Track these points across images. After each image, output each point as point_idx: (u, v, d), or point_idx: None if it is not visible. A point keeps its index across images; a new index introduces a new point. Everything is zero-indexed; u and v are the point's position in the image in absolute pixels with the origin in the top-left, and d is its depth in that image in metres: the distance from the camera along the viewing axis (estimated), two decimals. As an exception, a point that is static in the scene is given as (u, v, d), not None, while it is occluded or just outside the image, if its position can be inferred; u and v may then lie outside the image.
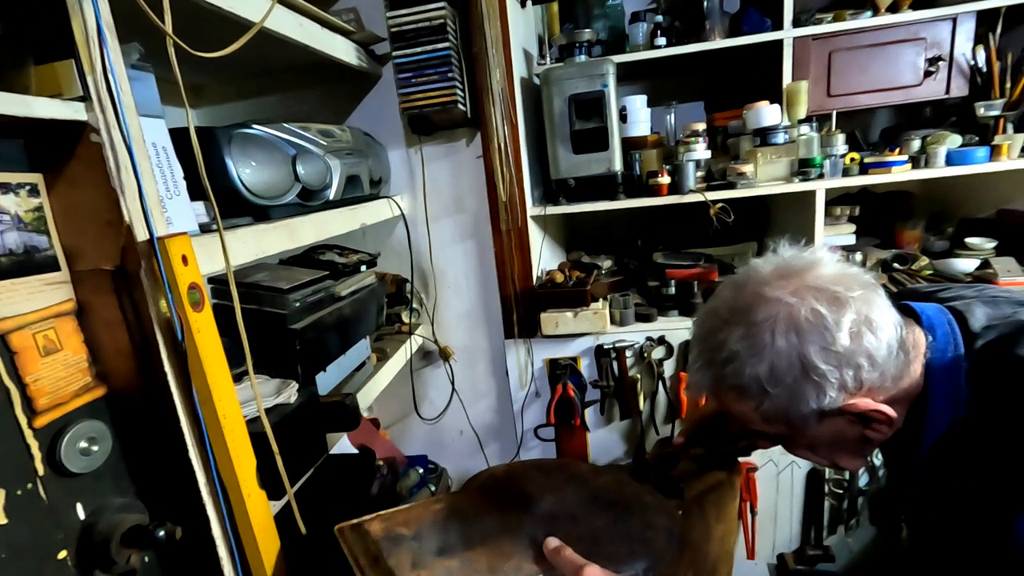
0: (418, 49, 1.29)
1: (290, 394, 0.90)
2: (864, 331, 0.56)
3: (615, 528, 0.74)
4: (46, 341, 0.63)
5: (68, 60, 0.58)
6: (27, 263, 0.62)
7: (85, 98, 0.60)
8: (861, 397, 0.57)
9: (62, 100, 0.59)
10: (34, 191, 0.63)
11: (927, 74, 1.47)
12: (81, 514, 0.65)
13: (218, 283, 0.94)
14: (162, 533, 0.67)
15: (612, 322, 1.52)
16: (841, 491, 1.53)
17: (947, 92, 1.48)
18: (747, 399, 0.61)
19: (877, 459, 1.50)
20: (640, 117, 1.58)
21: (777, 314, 0.57)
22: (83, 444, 0.64)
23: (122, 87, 0.63)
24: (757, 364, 0.58)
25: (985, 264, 1.45)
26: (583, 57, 1.50)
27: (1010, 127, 1.43)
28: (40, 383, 0.61)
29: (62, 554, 0.63)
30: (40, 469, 0.61)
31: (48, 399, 0.62)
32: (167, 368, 0.68)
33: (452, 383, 1.70)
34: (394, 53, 1.31)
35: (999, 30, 1.45)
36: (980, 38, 1.44)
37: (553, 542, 0.66)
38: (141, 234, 0.65)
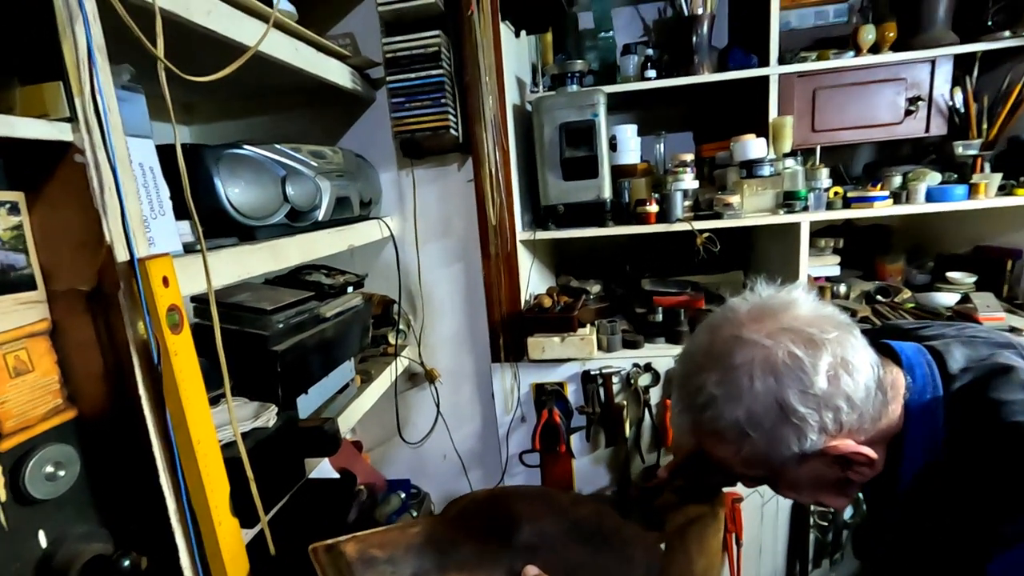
0: (412, 75, 1.31)
1: (268, 418, 0.89)
2: (841, 373, 0.56)
3: (593, 562, 0.73)
4: (17, 362, 0.61)
5: (56, 82, 0.58)
6: (2, 282, 0.61)
7: (72, 119, 0.60)
8: (841, 439, 0.57)
9: (48, 120, 0.58)
10: (14, 209, 0.62)
11: (907, 113, 1.52)
12: (43, 542, 0.63)
13: (200, 303, 0.93)
14: (127, 563, 0.64)
15: (599, 348, 1.52)
16: (826, 523, 1.52)
17: (927, 131, 1.53)
18: (727, 444, 0.60)
19: (862, 493, 1.49)
20: (630, 146, 1.61)
21: (753, 358, 0.57)
22: (49, 469, 0.62)
23: (110, 108, 0.63)
24: (735, 409, 0.58)
25: (965, 299, 1.48)
26: (575, 87, 1.53)
27: (987, 166, 1.48)
28: (6, 405, 0.59)
29: (19, 585, 0.60)
30: (1, 495, 0.59)
31: (14, 422, 0.60)
32: (141, 391, 0.66)
33: (437, 406, 1.68)
34: (388, 78, 1.33)
35: (975, 73, 1.50)
36: (957, 80, 1.50)
37: (531, 570, 0.65)
38: (122, 255, 0.64)
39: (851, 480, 0.61)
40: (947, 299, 1.50)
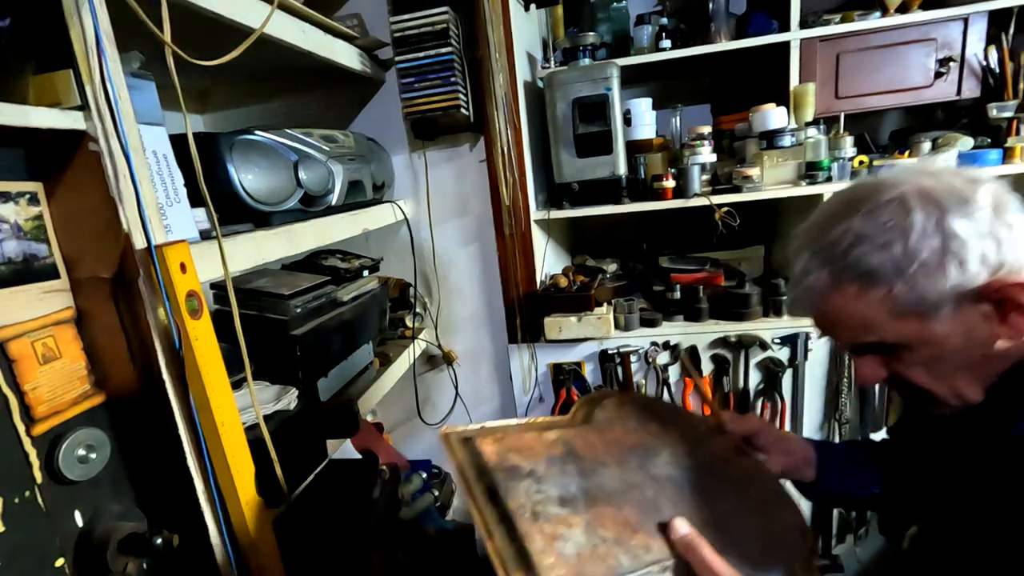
0: (421, 54, 1.29)
1: (289, 400, 0.90)
2: (1002, 206, 0.52)
3: (742, 519, 0.64)
4: (45, 349, 0.63)
5: (66, 70, 0.58)
6: (26, 271, 0.62)
7: (83, 107, 0.60)
8: (1003, 275, 0.51)
9: (60, 109, 0.59)
10: (34, 200, 0.63)
11: (938, 75, 1.45)
12: (79, 521, 0.65)
13: (220, 289, 0.95)
14: (159, 541, 0.67)
15: (616, 327, 1.51)
16: (850, 499, 1.50)
17: (958, 93, 1.45)
18: (875, 287, 0.54)
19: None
20: (645, 120, 1.57)
21: (905, 192, 0.53)
22: (81, 452, 0.64)
23: (120, 96, 0.63)
24: (890, 243, 0.53)
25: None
26: (587, 60, 1.49)
27: (1023, 128, 1.41)
28: (38, 391, 0.61)
29: (59, 561, 0.63)
30: (38, 477, 0.61)
31: (46, 407, 0.62)
32: (165, 376, 0.68)
33: (456, 387, 1.69)
34: (397, 58, 1.31)
35: (1012, 30, 1.42)
36: (992, 38, 1.42)
37: (682, 527, 0.56)
38: (139, 242, 0.65)
39: (996, 355, 0.55)
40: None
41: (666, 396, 1.51)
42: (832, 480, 0.77)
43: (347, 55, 1.27)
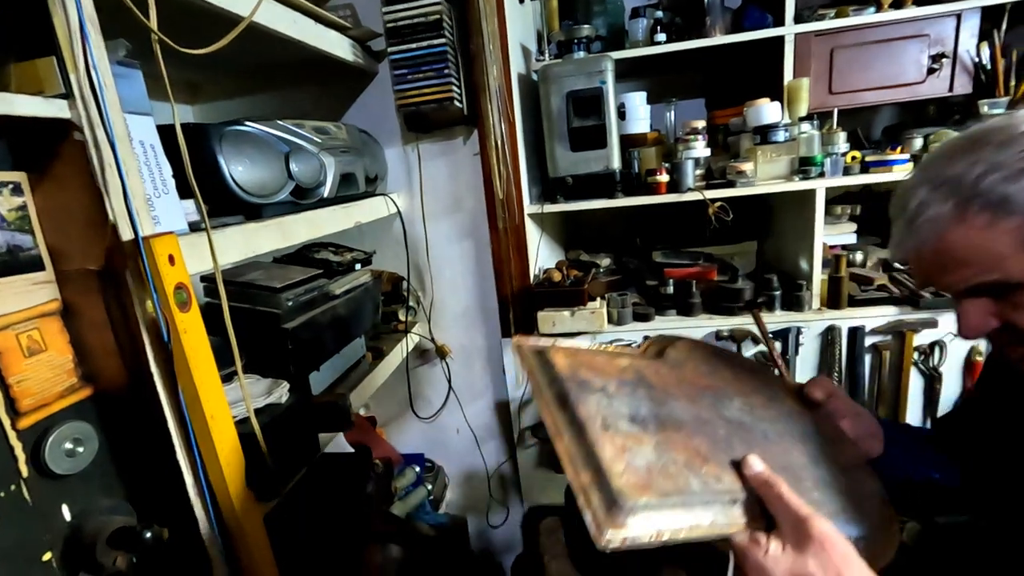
0: (414, 45, 1.28)
1: (281, 394, 0.90)
2: None
3: (820, 473, 0.60)
4: (30, 342, 0.62)
5: (49, 57, 0.57)
6: (11, 263, 0.61)
7: (68, 95, 0.59)
8: None
9: (44, 98, 0.58)
10: (17, 190, 0.62)
11: (930, 71, 1.45)
12: (67, 516, 0.65)
13: (210, 282, 0.94)
14: (149, 535, 0.66)
15: (610, 321, 1.51)
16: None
17: (951, 90, 1.46)
18: (1009, 217, 0.51)
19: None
20: (639, 114, 1.56)
21: None
22: (68, 445, 0.64)
23: (106, 84, 0.62)
24: None
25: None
26: (582, 53, 1.48)
27: (1014, 125, 1.41)
28: (24, 384, 0.61)
29: (47, 556, 0.62)
30: (24, 471, 0.60)
31: (32, 400, 0.61)
32: (153, 369, 0.67)
33: (449, 382, 1.69)
34: (390, 49, 1.30)
35: (1004, 27, 1.43)
36: (985, 35, 1.42)
37: (756, 464, 0.53)
38: (126, 233, 0.64)
39: None
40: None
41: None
42: (898, 457, 0.74)
43: (339, 46, 1.26)
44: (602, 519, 0.44)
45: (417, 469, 1.64)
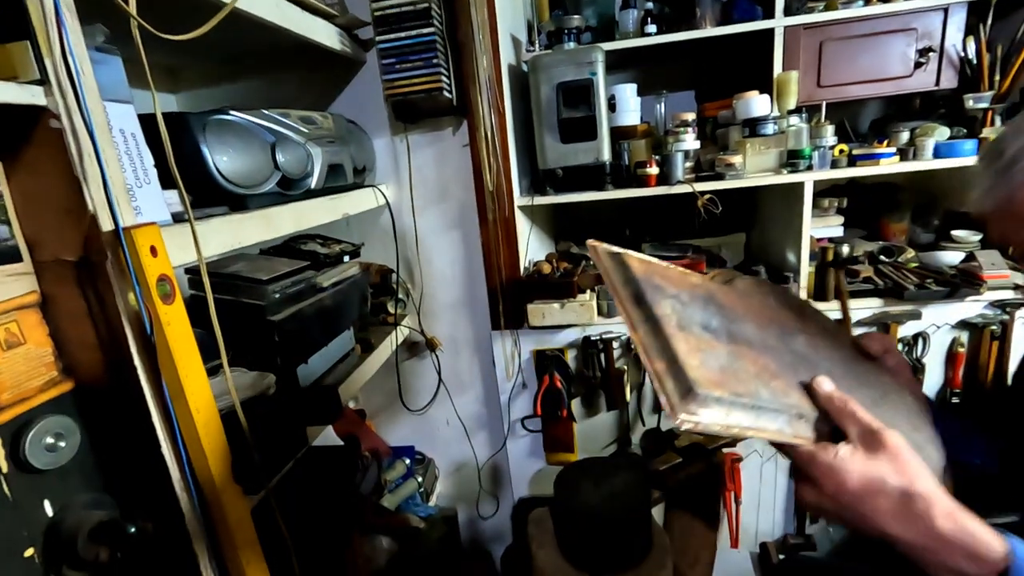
0: (402, 34, 1.26)
1: (268, 387, 0.89)
2: None
3: (885, 412, 0.60)
4: (8, 334, 0.61)
5: (23, 41, 0.55)
6: (-14, 254, 0.60)
7: (43, 82, 0.57)
8: None
9: (18, 83, 0.56)
10: (-8, 179, 0.60)
11: (917, 65, 1.46)
12: (49, 511, 0.64)
13: (195, 274, 0.92)
14: (133, 529, 0.65)
15: (599, 313, 1.51)
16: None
17: (937, 84, 1.47)
18: None
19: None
20: (630, 106, 1.56)
21: None
22: (49, 440, 0.62)
23: (83, 70, 0.60)
24: None
25: (970, 257, 1.45)
26: (572, 44, 1.47)
27: (998, 120, 1.43)
28: (2, 378, 0.59)
29: (29, 551, 0.61)
30: (3, 466, 0.59)
31: (10, 394, 0.60)
32: (136, 362, 0.66)
33: (439, 374, 1.69)
34: (378, 38, 1.28)
35: (990, 21, 1.44)
36: (971, 29, 1.43)
37: (826, 383, 0.53)
38: (106, 224, 0.63)
39: None
40: (951, 258, 1.48)
41: (647, 382, 1.52)
42: (945, 432, 0.73)
43: (326, 34, 1.24)
44: (676, 403, 0.45)
45: (407, 461, 1.65)
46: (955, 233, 1.56)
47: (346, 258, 1.27)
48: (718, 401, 0.46)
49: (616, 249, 0.60)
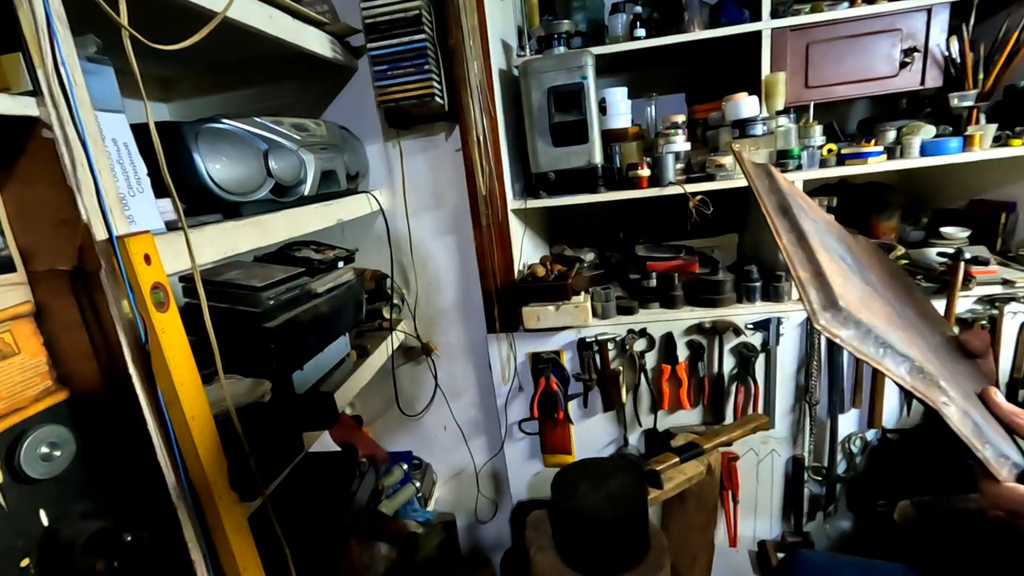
0: (393, 41, 1.27)
1: (263, 393, 0.89)
2: None
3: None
4: (2, 344, 0.61)
5: (15, 53, 0.56)
6: (-21, 264, 0.60)
7: (35, 92, 0.58)
8: None
9: (10, 95, 0.56)
10: (-15, 189, 0.61)
11: (903, 65, 1.48)
12: (44, 520, 0.64)
13: (189, 282, 0.92)
14: (129, 538, 0.65)
15: (594, 315, 1.52)
16: (820, 478, 1.55)
17: (922, 83, 1.50)
18: None
19: (855, 446, 1.52)
20: (620, 109, 1.57)
21: None
22: (44, 449, 0.62)
23: (76, 81, 0.61)
24: None
25: (959, 253, 1.47)
26: (562, 49, 1.49)
27: (983, 117, 1.45)
28: (-4, 388, 0.59)
29: (24, 562, 0.61)
30: (-2, 476, 0.59)
31: (5, 404, 0.60)
32: (131, 370, 0.66)
33: (435, 378, 1.69)
34: (369, 45, 1.29)
35: (972, 21, 1.46)
36: (954, 29, 1.46)
37: (999, 396, 0.53)
38: (100, 233, 0.63)
39: None
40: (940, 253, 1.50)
41: (643, 383, 1.53)
42: None
43: (317, 42, 1.24)
44: (818, 311, 0.46)
45: (404, 467, 1.64)
46: (943, 230, 1.58)
47: (340, 264, 1.27)
48: (857, 325, 0.47)
49: (760, 159, 0.60)
